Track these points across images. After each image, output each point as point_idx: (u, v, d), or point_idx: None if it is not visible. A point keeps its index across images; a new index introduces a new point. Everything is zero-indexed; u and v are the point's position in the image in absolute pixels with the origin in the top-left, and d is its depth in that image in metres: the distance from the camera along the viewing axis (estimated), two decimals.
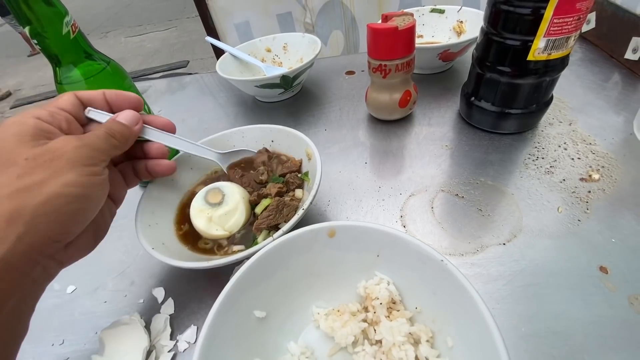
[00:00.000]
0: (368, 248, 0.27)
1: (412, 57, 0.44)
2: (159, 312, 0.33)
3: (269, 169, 0.38)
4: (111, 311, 0.34)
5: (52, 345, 0.32)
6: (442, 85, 0.56)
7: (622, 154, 0.39)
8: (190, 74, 0.78)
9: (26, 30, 0.33)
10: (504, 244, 0.33)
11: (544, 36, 0.35)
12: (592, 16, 0.57)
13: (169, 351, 0.30)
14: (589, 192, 0.36)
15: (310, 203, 0.30)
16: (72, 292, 0.37)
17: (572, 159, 0.39)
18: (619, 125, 0.42)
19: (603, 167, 0.38)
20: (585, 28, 0.59)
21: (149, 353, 0.29)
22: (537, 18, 0.34)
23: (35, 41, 0.34)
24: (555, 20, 0.33)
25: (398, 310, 0.26)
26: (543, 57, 0.36)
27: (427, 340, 0.24)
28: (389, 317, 0.26)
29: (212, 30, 1.21)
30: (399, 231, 0.26)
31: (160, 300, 0.34)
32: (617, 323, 0.26)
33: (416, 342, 0.24)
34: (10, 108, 2.71)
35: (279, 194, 0.34)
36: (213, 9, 1.18)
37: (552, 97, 0.42)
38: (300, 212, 0.30)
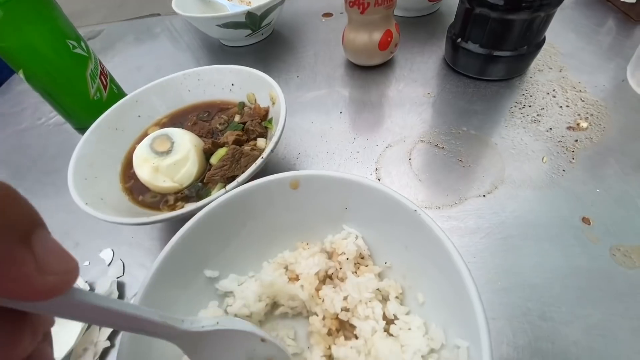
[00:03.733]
0: (335, 200, 0.24)
1: None
2: (106, 275, 0.29)
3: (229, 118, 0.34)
4: None
5: None
6: (427, 30, 0.51)
7: (613, 102, 0.36)
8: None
9: None
10: (484, 195, 0.30)
11: None
12: None
13: None
14: (576, 141, 0.33)
15: (272, 151, 0.27)
16: None
17: (561, 107, 0.37)
18: (611, 72, 0.39)
19: (592, 115, 0.35)
20: None
21: None
22: None
23: None
24: None
25: (366, 266, 0.23)
26: None
27: (397, 297, 0.22)
28: (356, 273, 0.23)
29: None
30: (370, 180, 0.23)
31: (107, 262, 0.31)
32: (596, 275, 0.25)
33: (384, 299, 0.22)
34: None
35: (238, 142, 0.30)
36: None
37: (544, 39, 0.39)
38: (259, 162, 0.26)
